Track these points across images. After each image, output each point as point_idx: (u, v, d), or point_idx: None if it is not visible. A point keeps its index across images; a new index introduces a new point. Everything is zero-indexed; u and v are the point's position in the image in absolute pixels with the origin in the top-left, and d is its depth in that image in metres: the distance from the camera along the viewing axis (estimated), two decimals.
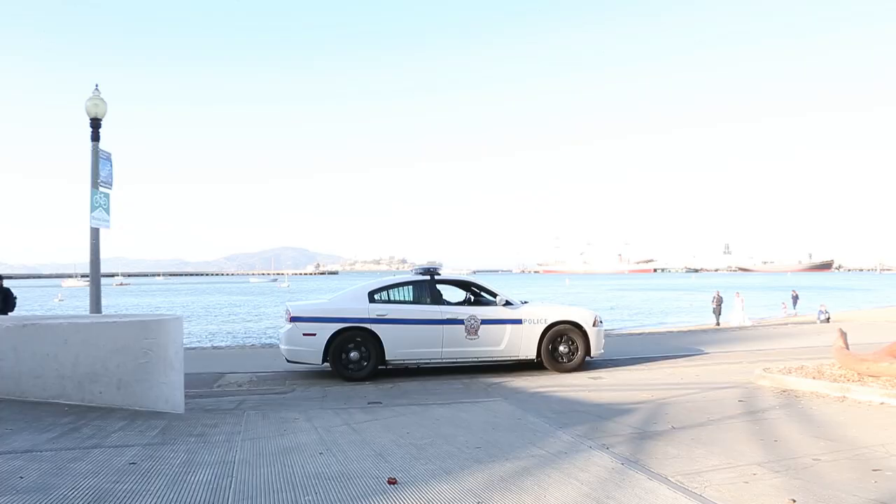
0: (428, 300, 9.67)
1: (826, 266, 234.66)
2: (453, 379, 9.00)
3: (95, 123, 9.53)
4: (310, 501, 3.81)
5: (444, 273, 10.19)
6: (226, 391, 8.27)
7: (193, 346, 19.09)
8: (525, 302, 10.29)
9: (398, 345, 9.29)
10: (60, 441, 5.14)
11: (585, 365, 9.79)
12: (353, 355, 9.15)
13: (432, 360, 9.64)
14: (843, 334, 8.39)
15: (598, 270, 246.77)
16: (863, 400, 6.66)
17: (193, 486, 4.11)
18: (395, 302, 9.62)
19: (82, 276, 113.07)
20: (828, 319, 23.37)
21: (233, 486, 4.12)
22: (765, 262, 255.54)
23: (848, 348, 8.10)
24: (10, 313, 9.88)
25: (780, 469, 4.34)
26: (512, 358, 9.73)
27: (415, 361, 9.67)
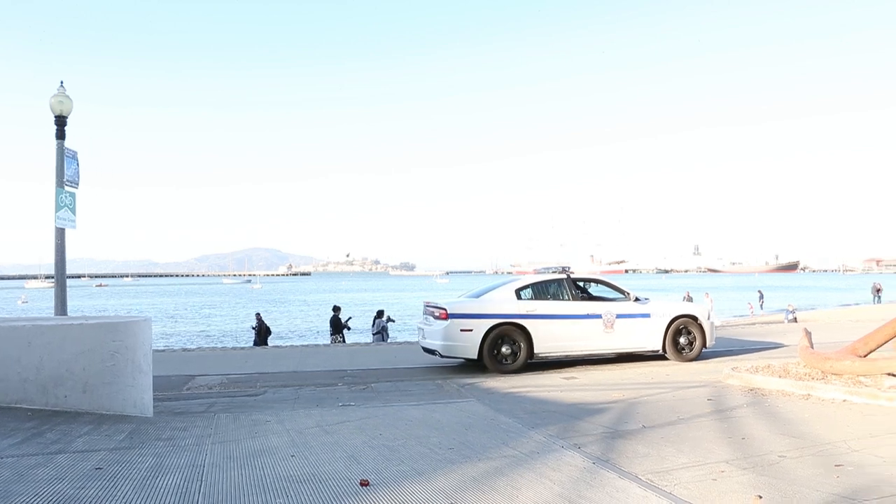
0: (567, 297, 10.15)
1: (792, 267, 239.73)
2: (427, 380, 8.98)
3: (61, 121, 9.31)
4: None
5: (576, 273, 10.86)
6: (196, 394, 8.14)
7: (163, 348, 18.77)
8: (647, 298, 10.77)
9: (546, 339, 9.76)
10: (23, 447, 5.02)
11: (562, 365, 9.87)
12: (505, 349, 9.59)
13: (574, 353, 10.17)
14: (808, 334, 8.58)
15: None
16: (826, 397, 6.82)
17: (162, 490, 4.04)
18: (538, 299, 10.05)
19: (47, 277, 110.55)
20: (794, 319, 23.88)
21: (202, 489, 4.06)
22: (733, 263, 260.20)
23: (812, 347, 8.28)
24: None
25: (748, 466, 4.42)
26: (641, 349, 10.42)
27: (559, 355, 10.21)
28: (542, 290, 10.17)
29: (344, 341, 18.44)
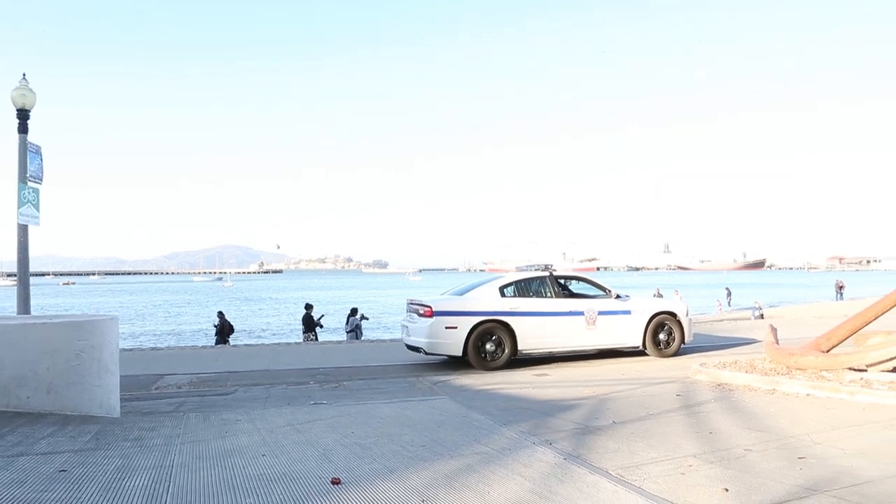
0: (550, 294, 10.29)
1: (759, 265, 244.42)
2: (399, 378, 8.97)
3: (23, 115, 9.07)
4: None
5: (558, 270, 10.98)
6: (165, 393, 8.02)
7: (131, 347, 18.43)
8: (628, 295, 10.91)
9: (529, 336, 9.87)
10: None
11: (531, 363, 9.94)
12: (489, 346, 9.66)
13: (557, 350, 10.24)
14: (774, 330, 8.77)
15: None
16: (791, 392, 6.98)
17: (129, 492, 3.97)
18: (522, 296, 10.13)
19: (9, 275, 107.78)
20: (761, 316, 24.39)
21: (171, 490, 4.00)
22: (702, 261, 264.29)
23: (778, 343, 8.46)
24: None
25: (715, 460, 4.50)
26: (622, 346, 10.56)
27: (543, 351, 10.21)
28: (525, 287, 10.28)
29: (316, 339, 18.32)
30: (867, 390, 6.51)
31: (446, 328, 9.54)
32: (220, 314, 19.68)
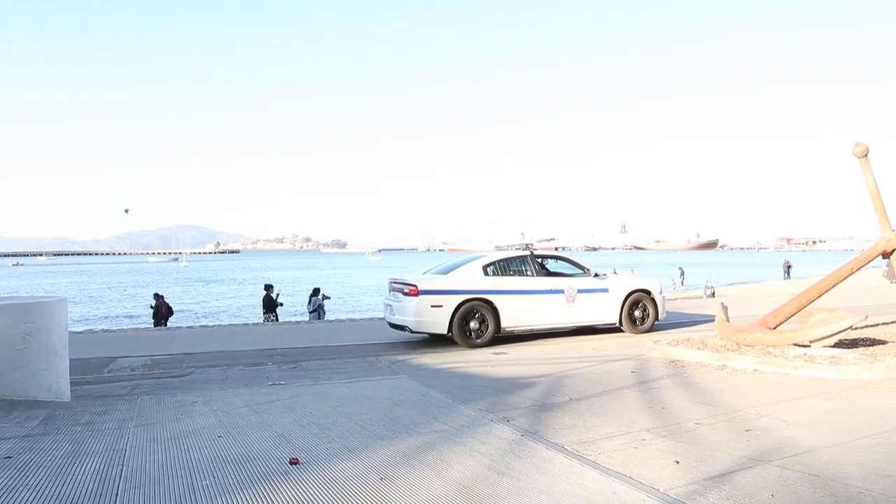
0: (531, 273, 10.50)
1: (712, 245, 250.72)
2: (358, 357, 8.95)
3: None
4: (207, 486, 3.70)
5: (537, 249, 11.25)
6: (118, 376, 7.83)
7: (82, 330, 17.93)
8: (605, 274, 11.22)
9: (512, 314, 10.08)
10: None
11: (493, 341, 10.03)
12: (473, 324, 9.84)
13: (538, 327, 10.47)
14: (724, 308, 9.03)
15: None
16: (739, 368, 7.21)
17: (79, 477, 3.88)
18: (504, 275, 10.32)
19: None
20: (713, 294, 25.08)
21: (123, 474, 3.93)
22: (657, 241, 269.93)
23: (728, 321, 8.72)
24: None
25: (667, 434, 4.64)
26: (600, 322, 10.87)
27: (524, 329, 10.42)
28: (507, 266, 10.48)
29: (277, 320, 18.11)
30: (810, 365, 6.77)
31: (432, 306, 9.68)
32: (157, 296, 19.02)
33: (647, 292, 11.10)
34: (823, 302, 8.86)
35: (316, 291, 18.72)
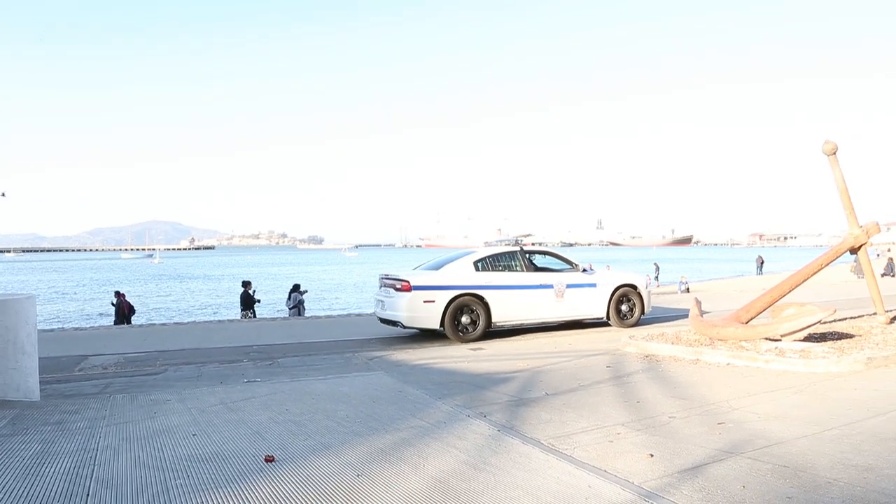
0: (521, 268, 10.62)
1: (686, 241, 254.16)
2: (335, 354, 8.91)
3: None
4: (181, 485, 3.66)
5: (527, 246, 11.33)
6: (89, 375, 7.70)
7: (53, 328, 17.59)
8: (594, 269, 11.43)
9: (503, 309, 10.18)
10: None
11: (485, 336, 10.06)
12: (465, 319, 9.94)
13: (528, 321, 10.58)
14: (698, 303, 9.16)
15: (479, 244, 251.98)
16: (713, 362, 7.32)
17: (49, 477, 3.81)
18: (495, 270, 10.44)
19: None
20: (687, 290, 25.38)
21: (95, 474, 3.87)
22: (633, 237, 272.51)
23: (702, 315, 8.85)
24: None
25: (641, 427, 4.69)
26: (588, 317, 11.00)
27: (515, 323, 10.50)
28: (497, 262, 10.59)
29: (255, 317, 17.93)
30: (781, 359, 6.90)
31: (424, 302, 9.76)
32: (118, 294, 18.55)
33: (634, 287, 11.27)
34: (794, 297, 9.03)
35: (296, 288, 18.57)
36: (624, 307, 11.16)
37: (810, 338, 7.91)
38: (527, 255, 10.85)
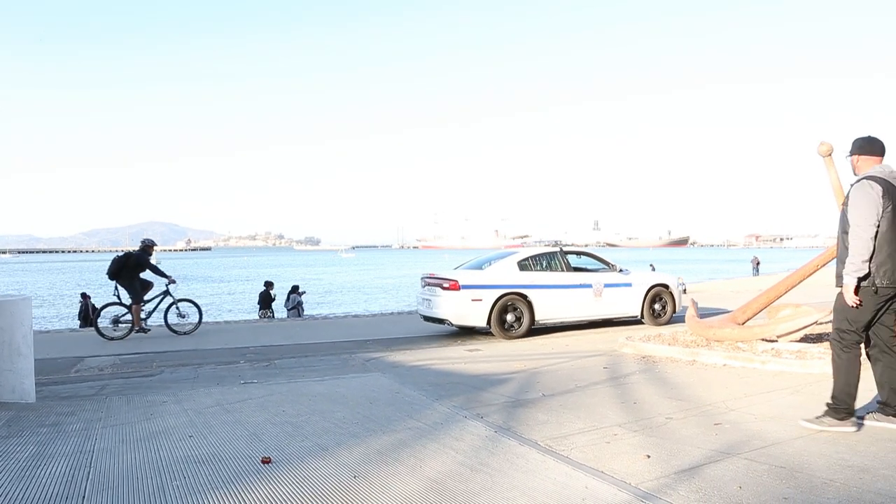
0: (561, 268, 11.04)
1: (682, 242, 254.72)
2: (331, 355, 8.90)
3: None
4: (178, 487, 3.65)
5: (567, 247, 11.86)
6: (85, 376, 7.68)
7: (48, 329, 17.53)
8: (629, 270, 11.82)
9: (545, 307, 10.56)
10: None
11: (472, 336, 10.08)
12: (510, 317, 10.28)
13: (568, 319, 11.05)
14: (695, 304, 9.17)
15: (476, 246, 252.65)
16: (709, 363, 7.34)
17: (44, 479, 3.80)
18: (537, 270, 10.85)
19: None
20: (684, 290, 25.40)
21: (91, 476, 3.86)
22: (629, 238, 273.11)
23: (698, 316, 8.86)
24: None
25: (638, 429, 4.69)
26: (624, 315, 11.44)
27: (556, 321, 10.97)
28: (539, 262, 11.00)
29: (273, 317, 17.90)
30: (777, 359, 6.91)
31: (472, 300, 10.11)
32: (84, 296, 18.33)
33: (666, 286, 11.65)
34: (790, 298, 9.05)
35: (295, 289, 18.55)
36: (657, 306, 11.54)
37: (806, 339, 7.94)
38: (566, 256, 11.26)
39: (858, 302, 4.36)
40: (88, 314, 17.76)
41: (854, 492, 3.33)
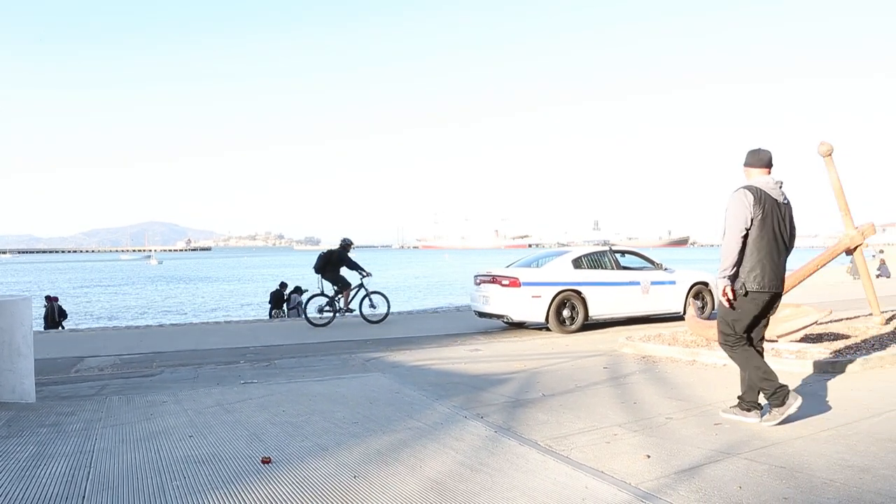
0: (611, 267, 11.46)
1: (683, 242, 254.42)
2: (331, 355, 8.90)
3: None
4: (178, 487, 3.65)
5: (616, 246, 12.44)
6: (85, 376, 7.68)
7: (48, 329, 17.51)
8: (673, 268, 12.17)
9: (598, 303, 10.97)
10: None
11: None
12: (566, 313, 10.73)
13: (618, 315, 11.38)
14: (695, 304, 9.18)
15: (476, 246, 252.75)
16: (709, 363, 7.33)
17: (44, 479, 3.80)
18: (590, 268, 11.26)
19: None
20: None
21: (91, 476, 3.86)
22: (629, 238, 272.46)
23: (698, 317, 8.85)
24: None
25: (638, 429, 4.69)
26: (668, 311, 11.75)
27: (607, 317, 11.29)
28: (591, 260, 11.44)
29: (286, 316, 17.87)
30: (777, 359, 6.90)
31: (532, 297, 10.52)
32: (49, 298, 18.17)
33: (706, 284, 11.98)
34: (790, 298, 9.03)
35: (296, 289, 18.52)
36: (698, 302, 11.72)
37: (806, 339, 7.93)
38: (615, 255, 11.67)
39: (728, 301, 4.63)
40: (54, 317, 17.67)
41: (854, 492, 3.33)
